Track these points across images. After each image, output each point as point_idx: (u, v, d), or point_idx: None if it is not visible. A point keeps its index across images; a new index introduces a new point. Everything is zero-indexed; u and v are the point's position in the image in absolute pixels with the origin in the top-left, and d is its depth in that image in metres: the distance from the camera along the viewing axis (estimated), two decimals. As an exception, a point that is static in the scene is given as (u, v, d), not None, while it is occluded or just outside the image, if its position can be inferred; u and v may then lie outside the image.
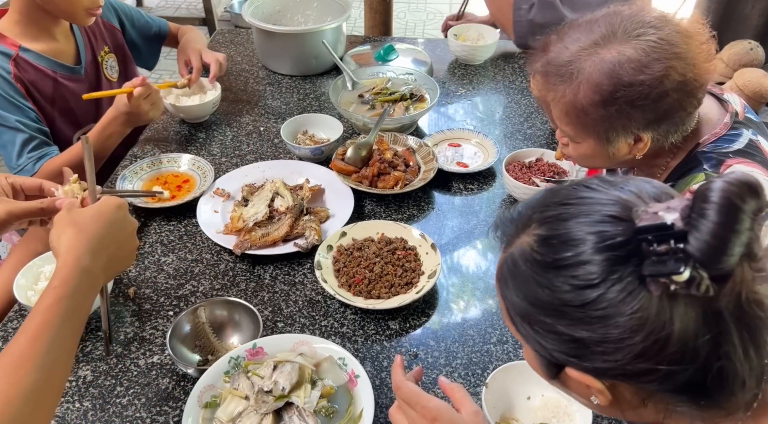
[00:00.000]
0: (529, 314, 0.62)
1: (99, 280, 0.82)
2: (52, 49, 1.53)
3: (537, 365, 0.67)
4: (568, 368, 0.61)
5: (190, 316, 1.09)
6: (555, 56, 1.00)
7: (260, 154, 1.59)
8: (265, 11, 1.99)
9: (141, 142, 1.63)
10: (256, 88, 1.89)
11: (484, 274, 1.25)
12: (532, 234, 0.63)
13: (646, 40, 0.93)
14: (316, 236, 1.27)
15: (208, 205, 1.38)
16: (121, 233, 0.86)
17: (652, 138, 1.00)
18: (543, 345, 0.62)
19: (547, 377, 0.67)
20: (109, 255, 0.83)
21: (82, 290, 0.78)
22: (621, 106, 0.95)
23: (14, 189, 0.94)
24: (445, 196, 1.45)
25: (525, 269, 0.62)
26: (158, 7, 4.83)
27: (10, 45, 1.46)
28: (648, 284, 0.54)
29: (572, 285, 0.57)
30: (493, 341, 1.11)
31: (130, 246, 0.89)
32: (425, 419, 0.79)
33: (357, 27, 4.32)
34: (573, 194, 0.62)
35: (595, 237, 0.57)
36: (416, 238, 1.27)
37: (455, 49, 1.96)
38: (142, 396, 1.02)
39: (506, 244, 0.67)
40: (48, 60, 1.52)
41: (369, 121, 1.56)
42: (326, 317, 1.16)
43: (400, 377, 0.83)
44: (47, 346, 0.71)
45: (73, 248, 0.79)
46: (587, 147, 1.06)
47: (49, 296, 0.75)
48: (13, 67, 1.44)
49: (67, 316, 0.75)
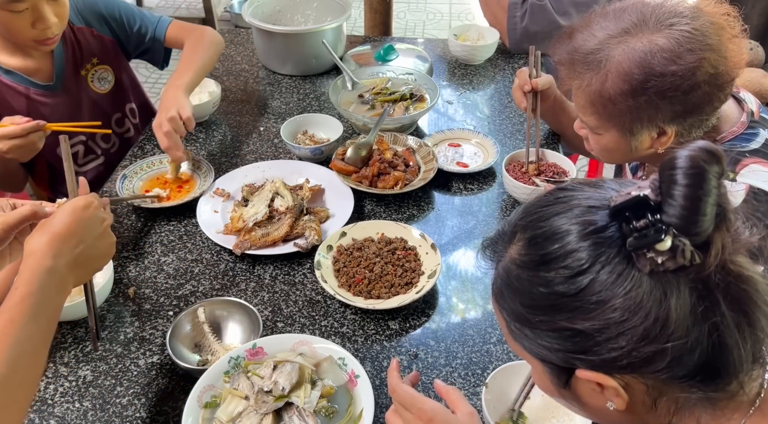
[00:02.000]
0: (528, 318, 0.62)
1: (66, 278, 0.83)
2: (25, 66, 1.47)
3: (547, 379, 0.66)
4: (578, 370, 0.61)
5: (190, 316, 1.09)
6: (581, 44, 0.99)
7: (260, 154, 1.59)
8: (265, 11, 1.99)
9: (141, 142, 1.63)
10: (256, 88, 1.89)
11: (484, 274, 1.25)
12: (518, 242, 0.64)
13: (679, 30, 0.91)
14: (316, 236, 1.27)
15: (208, 205, 1.38)
16: (89, 231, 0.86)
17: (676, 132, 0.98)
18: (547, 348, 0.62)
19: (559, 389, 0.66)
20: (77, 254, 0.84)
21: (47, 288, 0.79)
22: (650, 97, 0.94)
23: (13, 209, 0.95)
24: (444, 196, 1.45)
25: (517, 274, 0.63)
26: (158, 7, 4.83)
27: None
28: (636, 262, 0.55)
29: (564, 276, 0.58)
30: (493, 341, 1.11)
31: (102, 243, 0.89)
32: (421, 420, 0.79)
33: (357, 27, 4.32)
34: (551, 197, 0.64)
35: (578, 226, 0.58)
36: (416, 238, 1.27)
37: (455, 49, 1.96)
38: (142, 396, 1.02)
39: (497, 261, 0.68)
40: (19, 76, 1.46)
41: (369, 121, 1.56)
42: (326, 317, 1.16)
43: (396, 380, 0.84)
44: (13, 343, 0.73)
45: (36, 251, 0.81)
46: (609, 139, 1.04)
47: (13, 295, 0.77)
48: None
49: (32, 313, 0.76)
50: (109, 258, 0.93)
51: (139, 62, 1.81)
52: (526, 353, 0.66)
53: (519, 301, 0.63)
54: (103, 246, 0.90)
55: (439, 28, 4.53)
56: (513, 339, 0.67)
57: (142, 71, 3.90)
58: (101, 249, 0.89)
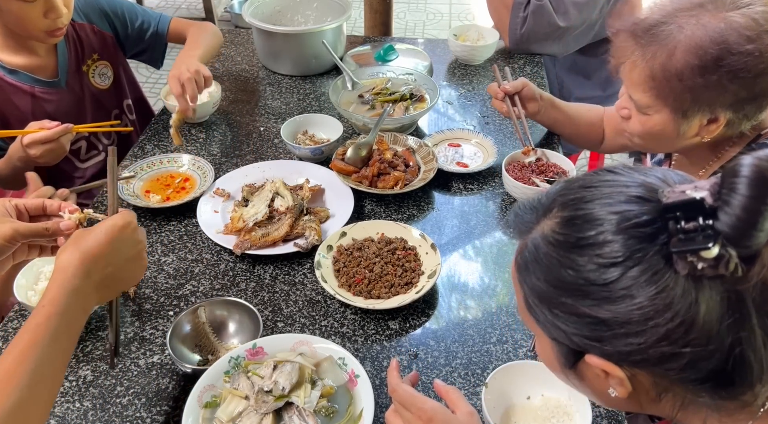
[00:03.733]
0: (550, 297, 0.61)
1: (91, 297, 0.82)
2: (30, 63, 1.49)
3: (553, 356, 0.66)
4: (588, 355, 0.60)
5: (190, 316, 1.09)
6: (647, 15, 0.96)
7: (260, 154, 1.59)
8: (265, 11, 2.00)
9: (141, 142, 1.63)
10: (256, 88, 1.89)
11: (483, 274, 1.25)
12: (554, 217, 0.62)
13: (756, 11, 0.89)
14: (316, 236, 1.27)
15: (208, 205, 1.39)
16: (122, 253, 0.84)
17: (728, 121, 0.96)
18: (563, 330, 0.61)
19: (564, 368, 0.66)
20: (106, 275, 0.82)
21: (72, 308, 0.78)
22: (721, 76, 0.90)
23: (18, 211, 0.94)
24: (444, 196, 1.45)
25: (547, 252, 0.61)
26: (158, 8, 4.84)
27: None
28: (675, 263, 0.53)
29: (596, 264, 0.57)
30: (493, 341, 1.11)
31: (133, 266, 0.87)
32: (420, 420, 0.80)
33: (357, 27, 4.32)
34: (596, 179, 0.62)
35: (620, 216, 0.56)
36: (416, 238, 1.27)
37: (455, 49, 1.96)
38: (143, 396, 1.03)
39: (525, 231, 0.66)
40: (24, 75, 1.48)
41: (369, 121, 1.56)
42: (326, 317, 1.16)
43: (396, 379, 0.84)
44: (34, 364, 0.72)
45: (67, 267, 0.80)
46: (657, 121, 1.01)
47: (38, 314, 0.76)
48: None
49: (56, 335, 0.75)
50: (137, 281, 0.91)
51: (140, 62, 1.82)
52: (539, 328, 0.65)
53: (544, 278, 0.61)
54: (133, 269, 0.88)
55: (439, 28, 4.53)
56: (527, 313, 0.66)
57: (143, 71, 3.91)
58: (131, 272, 0.88)
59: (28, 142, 1.33)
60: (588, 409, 0.92)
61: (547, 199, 0.65)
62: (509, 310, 1.17)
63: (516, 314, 1.15)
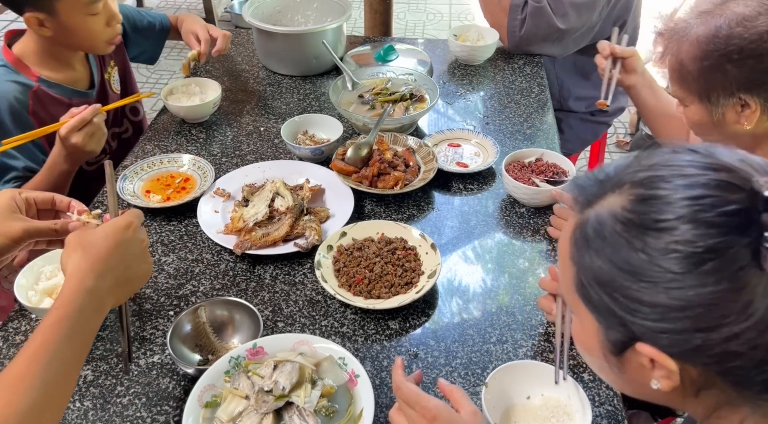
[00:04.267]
0: (612, 279, 0.57)
1: (105, 300, 0.82)
2: (69, 77, 1.54)
3: (596, 340, 0.62)
4: (640, 343, 0.57)
5: (191, 316, 1.09)
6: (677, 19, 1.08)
7: (260, 155, 1.59)
8: (266, 11, 2.00)
9: (141, 142, 1.64)
10: (257, 88, 1.89)
11: (483, 274, 1.25)
12: (625, 193, 0.57)
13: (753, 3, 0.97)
14: (316, 236, 1.27)
15: (209, 205, 1.39)
16: (128, 253, 0.85)
17: (762, 106, 0.99)
18: (620, 316, 0.57)
19: (606, 354, 0.62)
20: (117, 276, 0.83)
21: (85, 310, 0.78)
22: (717, 59, 0.98)
23: (27, 203, 0.94)
24: (444, 196, 1.46)
25: (615, 230, 0.56)
26: (158, 8, 4.84)
27: (31, 75, 1.46)
28: (763, 259, 0.50)
29: (674, 250, 0.52)
30: (493, 341, 1.11)
31: (141, 266, 0.88)
32: (425, 418, 0.79)
33: (357, 27, 4.32)
34: (676, 158, 0.57)
35: (704, 202, 0.52)
36: (416, 238, 1.27)
37: (455, 49, 1.96)
38: (143, 396, 1.03)
39: (586, 204, 0.61)
40: (65, 88, 1.52)
41: (369, 121, 1.56)
42: (326, 317, 1.16)
43: (401, 377, 0.84)
44: (46, 365, 0.72)
45: (78, 270, 0.80)
46: (694, 111, 1.10)
47: (51, 316, 0.76)
48: (31, 101, 1.44)
49: (69, 336, 0.75)
50: (147, 279, 0.91)
51: (138, 64, 1.85)
52: (586, 309, 0.61)
53: (608, 258, 0.57)
54: (142, 267, 0.88)
55: (439, 28, 4.53)
56: (575, 292, 0.62)
57: (143, 72, 3.91)
58: (140, 270, 0.88)
59: (65, 132, 1.34)
60: (588, 409, 0.92)
61: (617, 173, 0.60)
62: (509, 310, 1.17)
63: (516, 313, 1.16)
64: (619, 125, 3.50)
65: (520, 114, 1.73)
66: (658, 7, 1.18)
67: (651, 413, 1.38)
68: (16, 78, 1.44)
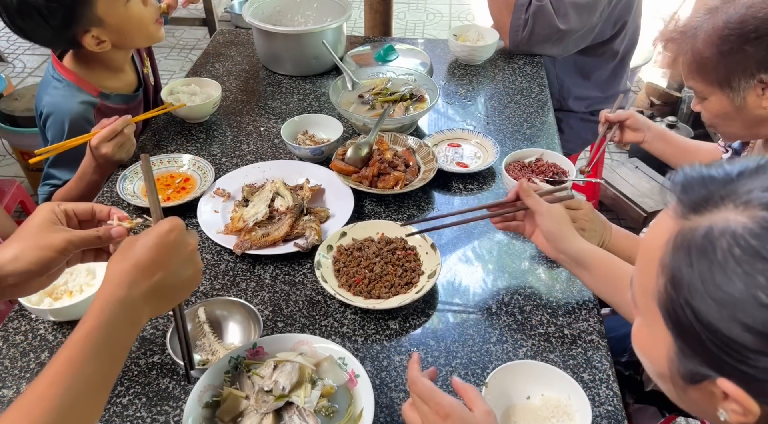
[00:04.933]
0: (713, 307, 0.50)
1: (140, 309, 0.76)
2: (123, 83, 1.56)
3: (665, 357, 0.57)
4: (725, 381, 0.52)
5: (191, 316, 1.09)
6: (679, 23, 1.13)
7: (260, 155, 1.59)
8: (266, 12, 2.00)
9: (141, 142, 1.64)
10: (257, 88, 1.89)
11: (483, 273, 1.25)
12: (749, 212, 0.51)
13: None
14: (316, 236, 1.27)
15: (209, 205, 1.39)
16: (172, 258, 0.79)
17: None
18: (711, 351, 0.51)
19: (675, 376, 0.57)
20: (156, 282, 0.77)
21: (116, 321, 0.73)
22: (736, 42, 1.02)
23: (67, 216, 0.90)
24: (444, 196, 1.45)
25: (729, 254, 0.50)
26: (158, 8, 4.84)
27: (93, 91, 1.47)
28: None
29: None
30: (493, 341, 1.11)
31: (186, 271, 0.82)
32: (438, 415, 0.79)
33: (357, 27, 4.32)
34: None
35: None
36: (416, 238, 1.27)
37: (455, 49, 1.96)
38: (143, 396, 1.03)
39: (692, 209, 0.54)
40: (121, 96, 1.54)
41: (369, 121, 1.56)
42: (326, 317, 1.16)
43: (416, 373, 0.84)
44: (67, 385, 0.67)
45: (112, 278, 0.76)
46: (715, 102, 1.12)
47: (78, 329, 0.71)
48: (96, 118, 1.46)
49: (96, 350, 0.70)
50: (194, 287, 0.85)
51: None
52: (661, 320, 0.55)
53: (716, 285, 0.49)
54: (188, 274, 0.82)
55: (439, 28, 4.53)
56: (654, 300, 0.55)
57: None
58: (185, 277, 0.82)
59: (96, 142, 1.36)
60: (588, 409, 0.92)
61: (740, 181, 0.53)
62: (509, 310, 1.17)
63: (516, 314, 1.16)
64: (619, 125, 3.49)
65: (520, 114, 1.73)
66: (657, 7, 1.19)
67: (658, 407, 1.38)
68: (82, 97, 1.47)
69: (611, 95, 2.21)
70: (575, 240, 1.06)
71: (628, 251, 1.23)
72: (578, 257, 1.05)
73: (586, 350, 1.08)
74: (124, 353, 0.75)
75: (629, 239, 1.24)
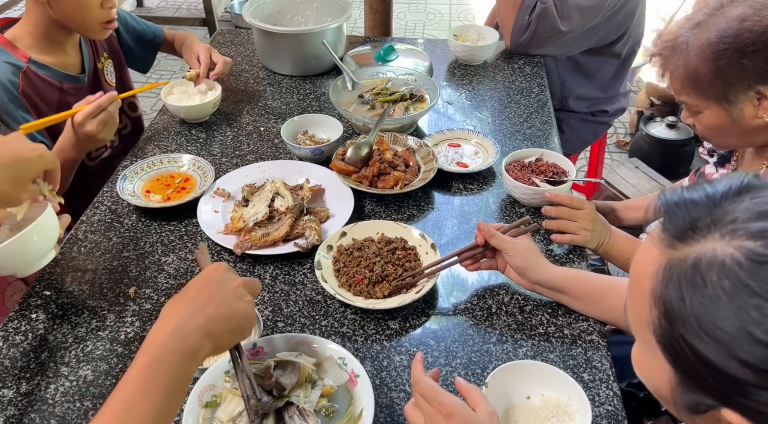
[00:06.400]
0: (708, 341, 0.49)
1: (197, 341, 0.75)
2: (60, 61, 1.55)
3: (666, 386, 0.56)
4: (729, 412, 0.51)
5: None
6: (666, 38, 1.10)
7: (260, 155, 1.59)
8: (266, 11, 2.00)
9: (141, 142, 1.64)
10: (257, 88, 1.89)
11: (483, 273, 1.25)
12: (738, 242, 0.50)
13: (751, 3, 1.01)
14: (316, 236, 1.27)
15: (209, 205, 1.39)
16: (219, 290, 0.81)
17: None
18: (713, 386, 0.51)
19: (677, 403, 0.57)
20: (210, 314, 0.77)
21: (168, 354, 0.72)
22: (732, 56, 1.00)
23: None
24: (444, 196, 1.46)
25: (720, 288, 0.49)
26: (158, 8, 4.83)
27: (21, 56, 1.47)
28: None
29: None
30: (493, 341, 1.11)
31: (238, 303, 0.81)
32: (441, 414, 0.79)
33: (357, 27, 4.32)
34: None
35: None
36: (416, 238, 1.27)
37: (455, 49, 1.96)
38: (143, 396, 1.02)
39: (678, 238, 0.53)
40: (55, 71, 1.53)
41: (369, 121, 1.56)
42: (326, 317, 1.16)
43: (420, 372, 0.84)
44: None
45: (163, 315, 0.76)
46: (710, 115, 1.10)
47: (131, 368, 0.71)
48: (22, 81, 1.45)
49: (147, 388, 0.69)
50: (251, 320, 0.83)
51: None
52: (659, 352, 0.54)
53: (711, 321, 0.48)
54: (240, 305, 0.81)
55: (439, 28, 4.53)
56: (650, 330, 0.54)
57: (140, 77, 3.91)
58: (237, 308, 0.81)
59: (80, 119, 1.35)
60: (588, 409, 0.92)
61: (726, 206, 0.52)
62: (509, 310, 1.17)
63: (516, 314, 1.16)
64: (620, 125, 3.50)
65: (520, 114, 1.73)
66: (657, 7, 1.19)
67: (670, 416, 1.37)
68: (6, 58, 1.45)
69: (612, 96, 2.21)
70: (545, 269, 1.09)
71: (627, 252, 1.24)
72: (552, 284, 1.10)
73: (586, 350, 1.08)
74: (181, 387, 0.73)
75: (628, 241, 1.24)
